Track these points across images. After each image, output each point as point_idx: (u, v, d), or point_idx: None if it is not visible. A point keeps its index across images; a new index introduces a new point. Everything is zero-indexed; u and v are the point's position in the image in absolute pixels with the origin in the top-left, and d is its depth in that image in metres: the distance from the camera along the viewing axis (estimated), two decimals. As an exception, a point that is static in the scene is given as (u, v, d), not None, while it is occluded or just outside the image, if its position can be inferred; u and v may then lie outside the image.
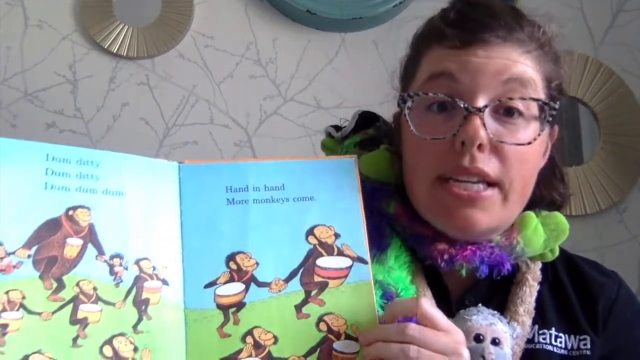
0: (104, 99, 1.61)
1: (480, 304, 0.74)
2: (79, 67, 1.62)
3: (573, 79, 1.65)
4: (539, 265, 0.79)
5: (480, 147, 0.69)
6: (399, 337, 0.61)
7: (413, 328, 0.61)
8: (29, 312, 0.57)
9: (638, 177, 1.66)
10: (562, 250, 0.82)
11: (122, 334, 0.60)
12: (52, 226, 0.61)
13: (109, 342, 0.59)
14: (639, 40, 1.70)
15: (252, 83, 1.64)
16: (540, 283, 0.78)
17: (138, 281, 0.63)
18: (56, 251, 0.60)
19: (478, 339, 0.71)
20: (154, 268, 0.64)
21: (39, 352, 0.56)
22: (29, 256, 0.59)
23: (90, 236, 0.62)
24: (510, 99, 0.70)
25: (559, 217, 0.78)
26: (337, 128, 0.86)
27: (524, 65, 0.71)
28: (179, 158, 0.71)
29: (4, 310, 0.56)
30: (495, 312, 0.74)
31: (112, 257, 0.62)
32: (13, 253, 0.59)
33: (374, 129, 0.84)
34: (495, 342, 0.71)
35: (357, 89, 1.63)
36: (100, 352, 0.59)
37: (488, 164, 0.69)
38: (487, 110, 0.69)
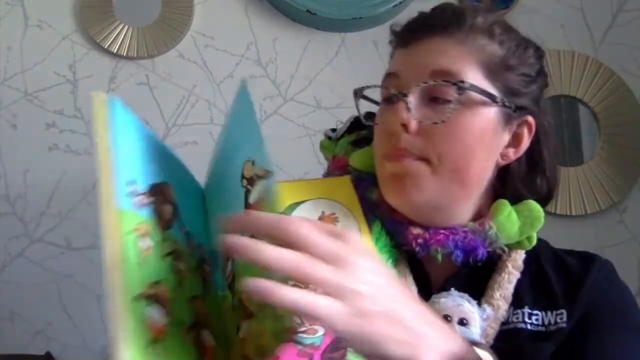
0: (104, 99, 1.61)
1: (452, 289, 0.76)
2: (79, 67, 1.62)
3: (573, 78, 1.66)
4: (522, 255, 0.81)
5: (405, 128, 0.76)
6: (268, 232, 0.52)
7: (281, 229, 0.51)
8: (154, 246, 0.60)
9: (638, 177, 1.66)
10: (548, 245, 0.85)
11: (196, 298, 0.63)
12: (156, 187, 0.64)
13: (190, 301, 0.62)
14: (639, 40, 1.70)
15: (252, 83, 1.64)
16: (522, 273, 0.80)
17: (202, 262, 0.66)
18: (160, 209, 0.63)
19: (446, 319, 0.72)
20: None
21: (163, 281, 0.58)
22: (150, 202, 0.62)
23: (175, 208, 0.65)
24: (426, 83, 0.76)
25: (532, 204, 0.80)
26: (336, 131, 0.94)
27: (452, 57, 0.76)
28: (179, 158, 0.71)
29: (140, 238, 0.58)
30: (465, 294, 0.76)
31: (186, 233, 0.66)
32: (140, 195, 0.61)
33: (367, 130, 0.89)
34: (462, 322, 0.73)
35: (357, 89, 1.63)
36: (187, 308, 0.61)
37: (413, 144, 0.76)
38: (414, 97, 0.76)
